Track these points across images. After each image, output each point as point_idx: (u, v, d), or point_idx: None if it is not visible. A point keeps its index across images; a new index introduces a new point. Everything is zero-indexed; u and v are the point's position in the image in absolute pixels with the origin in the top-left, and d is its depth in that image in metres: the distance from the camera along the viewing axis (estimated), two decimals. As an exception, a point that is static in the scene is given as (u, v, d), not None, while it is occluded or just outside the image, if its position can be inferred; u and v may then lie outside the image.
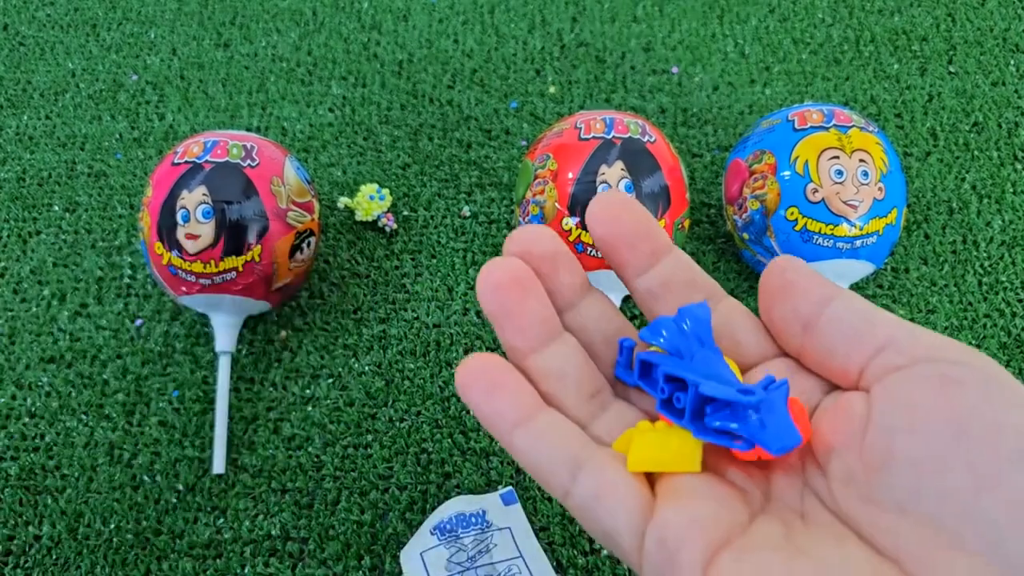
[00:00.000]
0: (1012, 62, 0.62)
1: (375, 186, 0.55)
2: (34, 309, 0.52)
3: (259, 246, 0.45)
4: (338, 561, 0.43)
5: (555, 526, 0.44)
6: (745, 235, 0.48)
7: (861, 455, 0.20)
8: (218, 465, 0.45)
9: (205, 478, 0.46)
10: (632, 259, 0.25)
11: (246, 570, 0.43)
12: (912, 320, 0.50)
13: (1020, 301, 0.51)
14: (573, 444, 0.22)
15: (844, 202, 0.44)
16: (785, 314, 0.23)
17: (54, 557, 0.44)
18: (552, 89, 0.61)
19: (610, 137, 0.45)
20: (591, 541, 0.43)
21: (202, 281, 0.44)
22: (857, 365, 0.22)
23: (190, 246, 0.44)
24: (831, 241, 0.45)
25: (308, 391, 0.49)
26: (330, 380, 0.49)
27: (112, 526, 0.45)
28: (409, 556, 0.41)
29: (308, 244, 0.48)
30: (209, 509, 0.45)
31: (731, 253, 0.53)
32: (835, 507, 0.21)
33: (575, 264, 0.25)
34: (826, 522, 0.20)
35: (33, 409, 0.48)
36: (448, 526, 0.42)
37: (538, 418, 0.22)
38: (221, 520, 0.45)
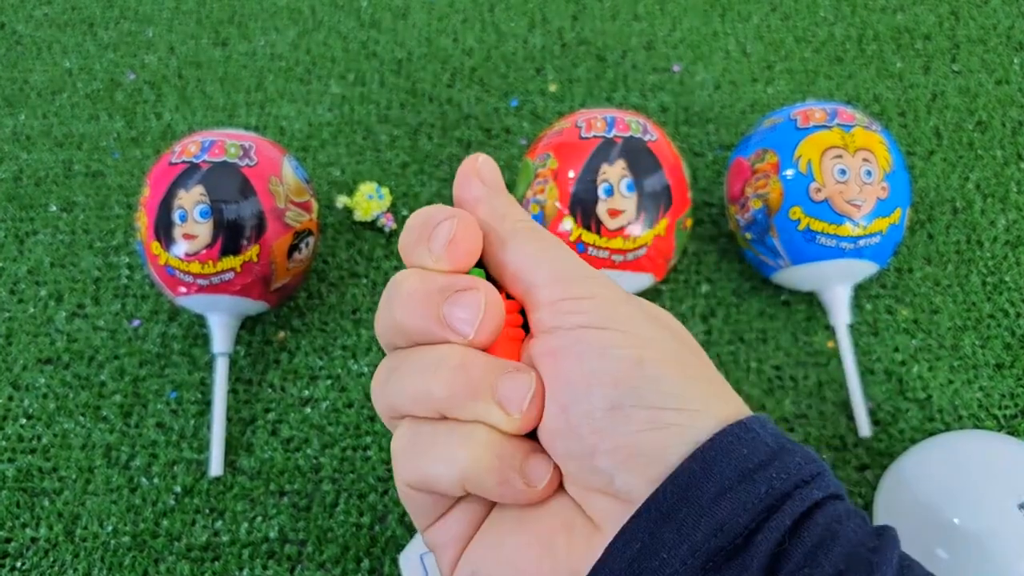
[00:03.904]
0: (1016, 60, 0.61)
1: (374, 185, 0.54)
2: (31, 310, 0.52)
3: (257, 246, 0.44)
4: (337, 564, 0.43)
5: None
6: (748, 235, 0.48)
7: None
8: (216, 467, 0.45)
9: (203, 480, 0.45)
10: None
11: (244, 573, 0.43)
12: (916, 321, 0.50)
13: (1024, 301, 0.51)
14: None
15: (847, 201, 0.44)
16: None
17: (51, 559, 0.43)
18: (553, 87, 0.61)
19: (611, 136, 0.45)
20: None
21: (199, 281, 0.44)
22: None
23: (187, 246, 0.43)
24: (834, 241, 0.44)
25: (306, 392, 0.48)
26: (329, 381, 0.49)
27: (109, 528, 0.44)
28: (408, 559, 0.41)
29: (306, 244, 0.47)
30: (207, 511, 0.45)
31: (733, 253, 0.53)
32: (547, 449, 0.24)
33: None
34: None
35: (30, 410, 0.48)
36: (448, 529, 0.41)
37: None
38: (219, 522, 0.44)
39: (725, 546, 0.20)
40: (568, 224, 0.44)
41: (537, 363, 0.23)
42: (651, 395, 0.21)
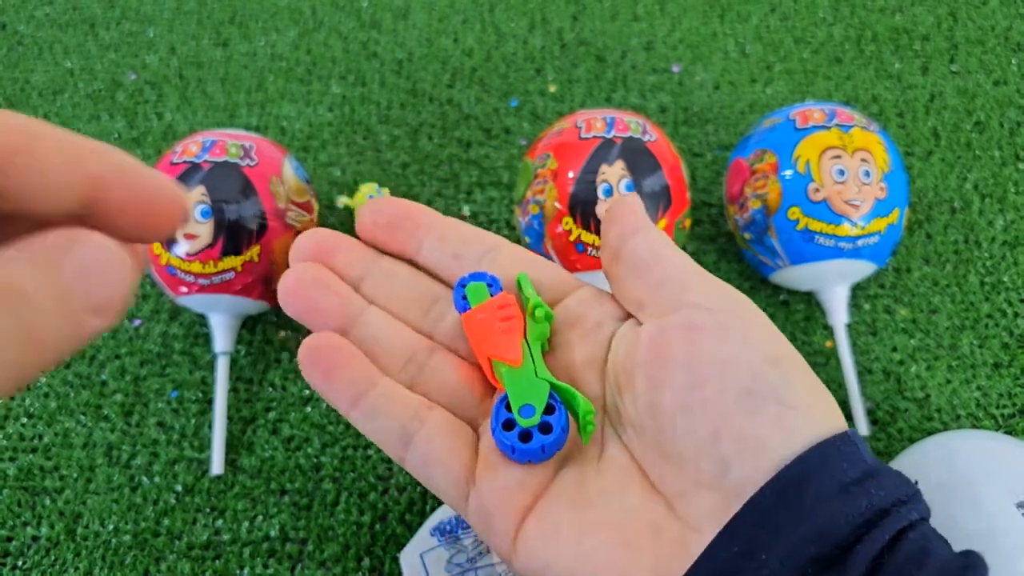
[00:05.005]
0: (1014, 61, 0.61)
1: (374, 185, 0.54)
2: (32, 309, 0.52)
3: (258, 246, 0.44)
4: (337, 562, 0.43)
5: (555, 527, 0.43)
6: (746, 235, 0.48)
7: (636, 402, 0.23)
8: (216, 466, 0.45)
9: (204, 479, 0.46)
10: (401, 242, 0.28)
11: (245, 571, 0.43)
12: (914, 321, 0.50)
13: (1022, 301, 0.51)
14: (402, 416, 0.25)
15: (846, 202, 0.44)
16: (605, 242, 0.26)
17: (52, 558, 0.44)
18: (552, 88, 0.61)
19: (611, 136, 0.45)
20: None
21: (200, 281, 0.44)
22: (637, 299, 0.25)
23: (188, 246, 0.44)
24: (833, 241, 0.45)
25: (307, 391, 0.48)
26: (329, 380, 0.49)
27: (110, 527, 0.44)
28: (409, 557, 0.41)
29: (307, 244, 0.47)
30: (208, 510, 0.45)
31: (732, 253, 0.53)
32: (627, 445, 0.24)
33: (351, 244, 0.28)
34: (618, 464, 0.24)
35: (31, 410, 0.48)
36: (448, 527, 0.42)
37: (370, 395, 0.25)
38: (220, 521, 0.44)
39: (824, 554, 0.20)
40: (567, 224, 0.45)
41: (669, 334, 0.23)
42: (784, 393, 0.21)
